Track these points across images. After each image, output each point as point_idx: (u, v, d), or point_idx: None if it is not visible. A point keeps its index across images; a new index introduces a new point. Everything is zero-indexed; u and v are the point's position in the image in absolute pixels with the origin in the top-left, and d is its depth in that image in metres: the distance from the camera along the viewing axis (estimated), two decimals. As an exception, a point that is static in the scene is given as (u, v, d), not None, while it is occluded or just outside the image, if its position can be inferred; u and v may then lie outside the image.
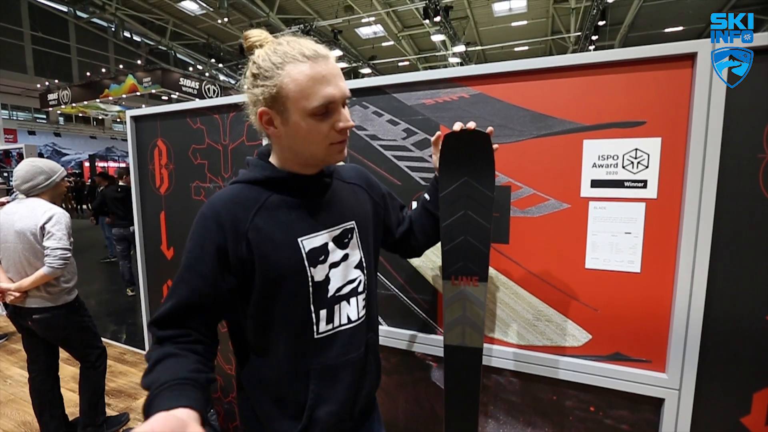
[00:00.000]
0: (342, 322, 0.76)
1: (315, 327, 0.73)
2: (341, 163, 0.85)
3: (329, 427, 0.75)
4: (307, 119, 0.65)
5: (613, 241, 0.99)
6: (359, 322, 0.79)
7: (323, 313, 0.74)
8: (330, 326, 0.75)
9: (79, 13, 13.45)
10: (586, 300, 1.03)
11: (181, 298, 0.67)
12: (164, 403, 0.52)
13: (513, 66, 1.04)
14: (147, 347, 1.94)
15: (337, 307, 0.75)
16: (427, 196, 0.96)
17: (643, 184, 0.95)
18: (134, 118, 1.79)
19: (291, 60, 0.63)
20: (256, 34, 0.69)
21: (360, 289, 0.79)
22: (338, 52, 12.56)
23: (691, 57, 0.89)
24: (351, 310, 0.77)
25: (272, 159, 0.76)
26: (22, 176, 1.78)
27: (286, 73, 0.63)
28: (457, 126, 0.84)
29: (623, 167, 0.96)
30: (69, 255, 1.76)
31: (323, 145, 0.68)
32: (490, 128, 0.85)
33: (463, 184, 0.88)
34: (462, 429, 0.96)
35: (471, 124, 0.84)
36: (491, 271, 1.13)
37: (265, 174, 0.73)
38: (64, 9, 13.36)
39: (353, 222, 0.80)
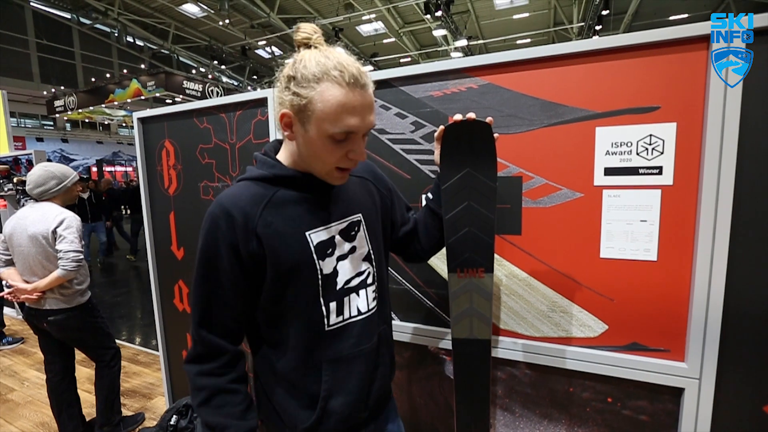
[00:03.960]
0: (352, 314, 0.77)
1: (326, 319, 0.74)
2: None
3: (343, 419, 0.75)
4: (324, 139, 0.66)
5: (629, 229, 0.97)
6: (370, 313, 0.79)
7: (333, 305, 0.74)
8: (340, 318, 0.75)
9: (82, 20, 13.56)
10: (602, 290, 1.02)
11: (210, 308, 0.71)
12: None
13: (522, 54, 1.02)
14: (160, 349, 1.96)
15: (346, 299, 0.76)
16: (430, 194, 0.95)
17: (659, 170, 0.93)
18: (141, 120, 1.80)
19: (329, 79, 0.62)
20: (309, 31, 0.68)
21: (369, 281, 0.80)
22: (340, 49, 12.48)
23: (705, 39, 0.87)
24: (361, 302, 0.78)
25: (281, 155, 0.76)
26: (34, 181, 1.80)
27: (320, 91, 0.63)
28: (457, 117, 0.83)
29: (637, 154, 0.95)
30: (81, 257, 1.78)
31: (330, 166, 0.69)
32: (489, 118, 0.84)
33: (465, 175, 0.87)
34: (473, 421, 0.96)
35: (471, 115, 0.82)
36: (504, 262, 1.12)
37: (274, 172, 0.73)
38: (68, 16, 13.47)
39: (360, 215, 0.80)
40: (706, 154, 0.87)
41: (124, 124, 19.42)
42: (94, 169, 16.90)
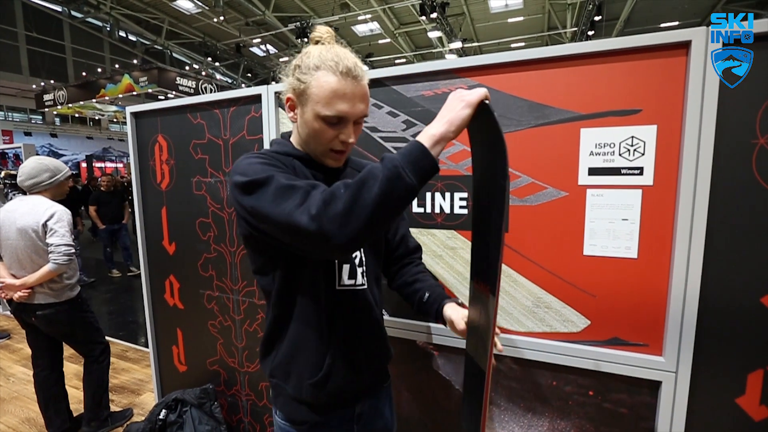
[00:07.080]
0: (359, 282, 0.85)
1: (338, 278, 0.82)
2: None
3: (345, 381, 0.83)
4: (318, 121, 0.74)
5: (611, 227, 1.01)
6: (365, 288, 0.87)
7: (346, 267, 0.83)
8: (351, 282, 0.84)
9: (73, 13, 13.36)
10: (585, 286, 1.05)
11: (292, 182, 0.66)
12: None
13: (511, 56, 1.05)
14: (150, 343, 1.96)
15: (356, 267, 0.85)
16: (426, 294, 0.93)
17: (640, 171, 0.97)
18: (134, 115, 1.80)
19: (326, 68, 0.71)
20: (323, 32, 0.78)
21: (357, 261, 0.86)
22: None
23: (685, 45, 0.90)
24: (359, 276, 0.87)
25: (292, 139, 0.85)
26: (27, 173, 1.79)
27: (317, 77, 0.71)
28: (484, 91, 0.65)
29: (620, 155, 0.98)
30: (73, 251, 1.78)
31: (324, 148, 0.78)
32: (483, 90, 0.66)
33: (485, 172, 0.73)
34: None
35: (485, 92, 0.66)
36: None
37: (286, 150, 0.82)
38: (59, 9, 13.27)
39: None
40: (684, 156, 0.91)
41: (115, 120, 19.19)
42: (84, 165, 16.66)
